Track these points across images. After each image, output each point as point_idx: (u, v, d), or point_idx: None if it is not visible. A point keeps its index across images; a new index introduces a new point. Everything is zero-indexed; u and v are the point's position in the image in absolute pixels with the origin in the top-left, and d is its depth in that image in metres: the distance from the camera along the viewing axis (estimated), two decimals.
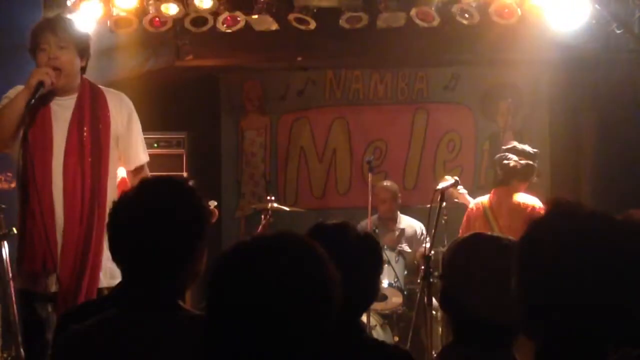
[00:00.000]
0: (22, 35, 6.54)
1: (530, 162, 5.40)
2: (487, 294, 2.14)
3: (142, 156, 4.01)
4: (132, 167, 3.97)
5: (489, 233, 2.44)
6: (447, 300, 2.28)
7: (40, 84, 3.64)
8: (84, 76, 3.90)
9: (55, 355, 2.14)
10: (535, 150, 5.52)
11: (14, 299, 4.91)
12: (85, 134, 3.77)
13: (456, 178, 5.17)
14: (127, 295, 2.13)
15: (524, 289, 1.64)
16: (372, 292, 2.49)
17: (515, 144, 5.59)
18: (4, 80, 6.33)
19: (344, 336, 2.28)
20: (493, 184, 5.66)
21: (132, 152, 3.95)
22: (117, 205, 2.21)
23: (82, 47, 3.85)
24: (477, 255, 2.23)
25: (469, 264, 2.23)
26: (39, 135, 3.69)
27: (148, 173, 4.07)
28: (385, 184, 6.93)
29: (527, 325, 1.65)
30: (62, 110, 3.78)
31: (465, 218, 5.55)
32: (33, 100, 3.63)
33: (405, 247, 6.66)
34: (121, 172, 4.02)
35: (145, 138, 7.20)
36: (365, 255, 2.43)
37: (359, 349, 2.34)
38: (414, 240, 6.70)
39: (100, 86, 4.00)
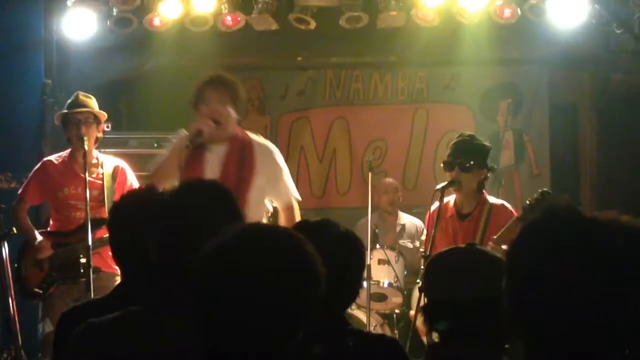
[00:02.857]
0: (23, 35, 6.57)
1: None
2: (469, 297, 2.15)
3: (288, 198, 4.56)
4: (284, 206, 4.56)
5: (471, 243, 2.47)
6: (432, 308, 2.30)
7: (199, 132, 4.22)
8: (238, 127, 4.44)
9: (71, 347, 2.13)
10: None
11: (13, 298, 4.91)
12: (231, 178, 4.22)
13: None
14: (139, 295, 2.12)
15: (513, 296, 1.64)
16: (355, 289, 2.51)
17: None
18: (4, 79, 6.36)
19: (329, 331, 2.29)
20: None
21: (281, 195, 4.54)
22: (119, 207, 2.20)
23: (237, 102, 4.43)
24: (458, 261, 2.26)
25: (448, 269, 2.25)
26: (192, 175, 4.13)
27: (296, 211, 4.61)
28: (388, 179, 7.05)
29: (517, 330, 1.66)
30: (213, 156, 4.35)
31: None
32: (190, 145, 4.22)
33: (407, 244, 6.68)
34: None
35: (145, 138, 7.24)
36: (346, 251, 2.45)
37: (347, 341, 2.36)
38: (415, 236, 6.72)
39: (252, 136, 4.50)
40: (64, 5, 6.53)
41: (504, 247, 4.52)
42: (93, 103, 5.19)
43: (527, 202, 4.77)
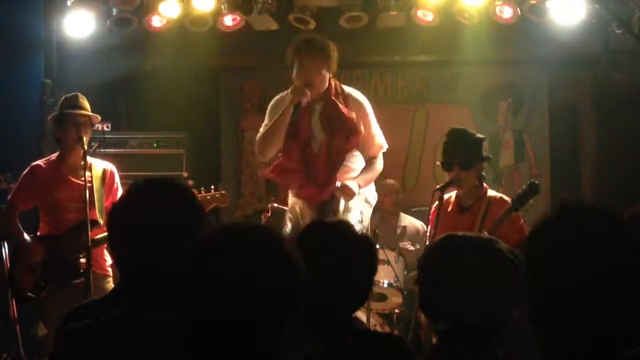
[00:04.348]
0: (22, 35, 6.57)
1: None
2: (460, 294, 2.14)
3: (375, 149, 5.00)
4: (370, 156, 5.00)
5: (465, 233, 2.42)
6: (424, 302, 2.29)
7: (299, 103, 4.70)
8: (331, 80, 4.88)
9: (57, 353, 2.13)
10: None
11: (13, 298, 4.91)
12: (334, 131, 4.81)
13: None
14: (129, 295, 2.13)
15: (532, 292, 1.63)
16: (365, 291, 2.51)
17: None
18: (4, 79, 6.35)
19: (339, 331, 2.29)
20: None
21: (369, 144, 4.97)
22: (116, 207, 2.21)
23: (330, 62, 4.81)
24: (453, 256, 2.23)
25: (440, 266, 2.23)
26: (299, 134, 4.81)
27: (379, 161, 5.04)
28: (389, 181, 7.04)
29: (535, 325, 1.65)
30: (314, 114, 4.82)
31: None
32: (295, 118, 4.73)
33: (408, 246, 6.67)
34: None
35: (145, 138, 7.20)
36: (360, 254, 2.45)
37: (354, 341, 2.36)
38: (416, 238, 6.71)
39: (345, 88, 4.96)
40: (64, 5, 6.53)
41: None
42: (88, 106, 5.18)
43: (517, 193, 4.81)
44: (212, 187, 5.30)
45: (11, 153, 6.13)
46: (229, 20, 6.51)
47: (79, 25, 6.51)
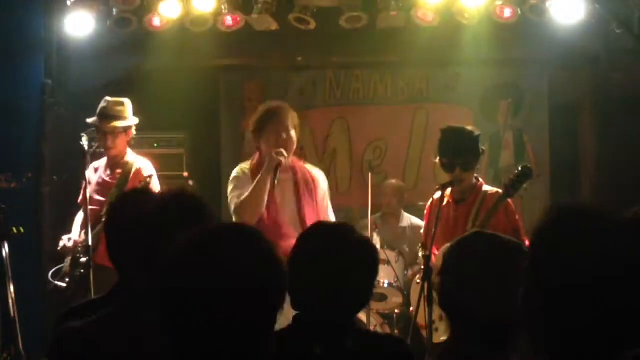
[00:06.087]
0: (23, 36, 6.57)
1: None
2: (485, 293, 2.14)
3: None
4: None
5: (489, 231, 2.43)
6: (446, 299, 2.28)
7: (279, 165, 4.58)
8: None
9: (52, 351, 2.14)
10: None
11: (13, 297, 4.92)
12: (302, 202, 4.73)
13: None
14: (124, 294, 2.13)
15: (530, 293, 1.64)
16: (366, 294, 2.51)
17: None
18: (5, 79, 6.35)
19: (341, 333, 2.29)
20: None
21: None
22: (115, 206, 2.22)
23: (297, 128, 4.78)
24: (477, 254, 2.23)
25: (468, 263, 2.23)
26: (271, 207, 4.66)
27: None
28: (392, 181, 7.04)
29: (531, 327, 1.65)
30: (283, 184, 4.69)
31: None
32: (277, 180, 4.59)
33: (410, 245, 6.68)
34: None
35: (145, 138, 7.26)
36: (361, 258, 2.45)
37: (354, 342, 2.37)
38: (418, 237, 6.72)
39: (305, 164, 4.97)
40: (64, 6, 6.53)
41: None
42: (124, 110, 5.49)
43: (509, 178, 4.81)
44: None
45: (11, 153, 6.14)
46: (229, 20, 6.51)
47: (79, 25, 6.51)
